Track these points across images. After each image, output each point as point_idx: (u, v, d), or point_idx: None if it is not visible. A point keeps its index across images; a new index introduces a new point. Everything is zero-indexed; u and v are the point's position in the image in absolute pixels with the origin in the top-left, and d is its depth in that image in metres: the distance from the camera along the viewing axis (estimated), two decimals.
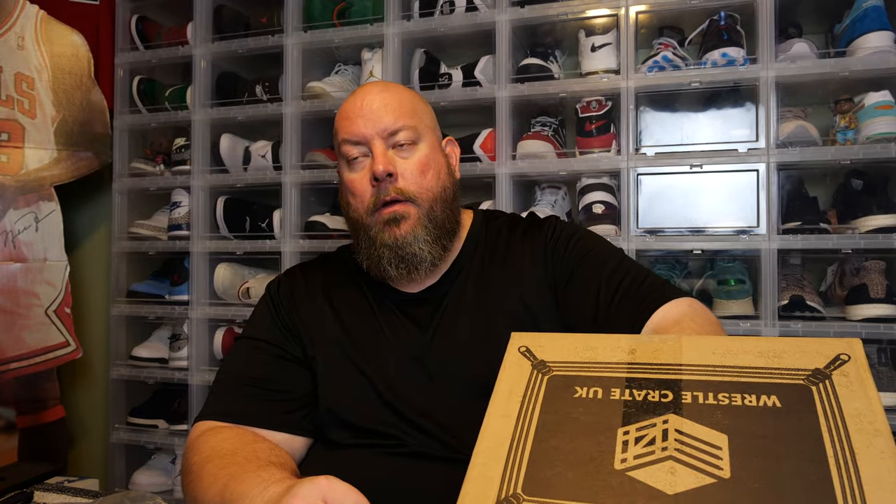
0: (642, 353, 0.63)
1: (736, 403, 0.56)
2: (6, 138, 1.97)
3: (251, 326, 1.06)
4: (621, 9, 1.67)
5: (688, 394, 0.58)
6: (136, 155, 2.20)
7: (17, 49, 2.01)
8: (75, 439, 2.25)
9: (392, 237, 0.97)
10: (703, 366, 0.60)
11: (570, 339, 0.68)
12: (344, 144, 1.00)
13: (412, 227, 0.97)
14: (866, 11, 1.52)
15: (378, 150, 0.97)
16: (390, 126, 0.98)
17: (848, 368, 0.56)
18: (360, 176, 0.99)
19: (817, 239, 1.54)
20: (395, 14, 1.85)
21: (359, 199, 0.99)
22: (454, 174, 1.07)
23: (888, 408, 1.47)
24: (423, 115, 1.03)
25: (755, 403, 0.55)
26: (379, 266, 0.98)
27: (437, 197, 1.00)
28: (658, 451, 0.54)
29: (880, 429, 0.51)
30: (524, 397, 0.62)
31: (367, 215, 0.99)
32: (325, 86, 1.92)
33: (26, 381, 1.98)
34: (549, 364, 0.65)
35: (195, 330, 2.01)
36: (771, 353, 0.59)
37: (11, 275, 1.95)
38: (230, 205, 2.04)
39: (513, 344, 0.69)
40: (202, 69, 2.05)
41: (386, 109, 0.98)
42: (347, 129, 0.99)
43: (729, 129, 1.65)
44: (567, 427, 0.58)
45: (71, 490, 1.04)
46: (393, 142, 0.98)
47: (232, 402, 0.96)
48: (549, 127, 1.81)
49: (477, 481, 0.56)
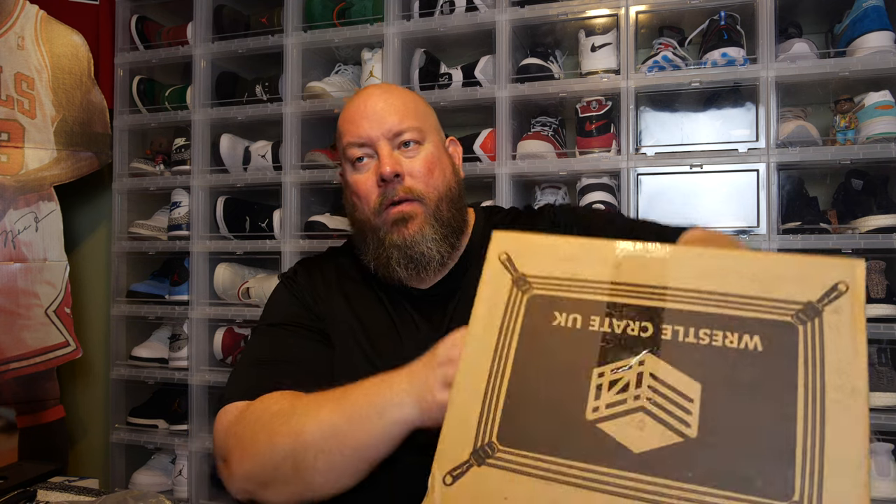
0: (628, 268, 0.59)
1: (716, 343, 0.53)
2: (6, 138, 1.97)
3: (269, 315, 1.04)
4: (621, 9, 1.68)
5: (668, 328, 0.55)
6: (136, 155, 2.20)
7: (17, 49, 2.01)
8: (75, 439, 2.25)
9: (401, 237, 0.97)
10: (689, 291, 0.56)
11: (554, 246, 0.63)
12: (349, 147, 1.00)
13: (420, 227, 0.97)
14: (866, 11, 1.52)
15: (384, 151, 0.97)
16: (395, 127, 0.98)
17: (842, 303, 0.52)
18: (366, 177, 0.99)
19: (817, 239, 1.54)
20: (395, 14, 1.85)
21: (364, 200, 0.99)
22: (458, 173, 1.07)
23: (888, 407, 1.47)
24: (426, 116, 1.03)
25: (735, 344, 0.53)
26: (388, 267, 0.98)
27: (443, 196, 1.00)
28: (630, 401, 0.53)
29: (858, 386, 0.49)
30: (503, 322, 0.60)
31: (374, 216, 0.98)
32: (325, 86, 1.92)
33: (26, 381, 1.98)
34: (529, 280, 0.61)
35: (195, 330, 2.01)
36: (766, 278, 0.54)
37: (11, 275, 1.95)
38: (230, 205, 2.04)
39: (494, 248, 0.65)
40: (202, 69, 2.05)
41: (390, 110, 0.98)
42: (352, 131, 0.99)
43: (729, 129, 1.66)
44: (543, 364, 0.57)
45: (74, 489, 1.05)
46: (398, 142, 0.99)
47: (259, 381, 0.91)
48: (549, 127, 1.81)
49: (455, 425, 0.57)
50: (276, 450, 0.77)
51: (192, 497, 1.99)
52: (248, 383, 0.90)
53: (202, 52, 2.05)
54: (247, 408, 0.85)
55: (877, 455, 1.46)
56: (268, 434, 0.78)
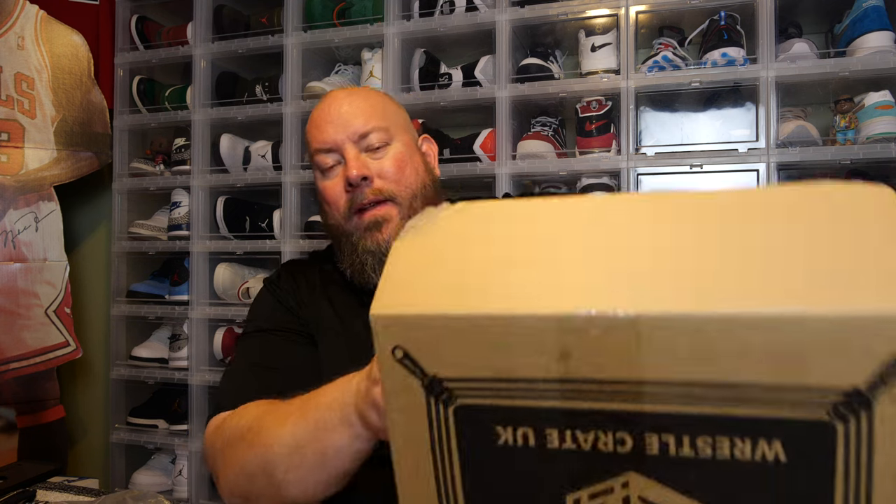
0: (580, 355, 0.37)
1: (721, 456, 0.37)
2: (6, 138, 1.97)
3: (255, 320, 1.03)
4: (621, 9, 1.68)
5: (653, 438, 0.38)
6: (136, 155, 2.20)
7: (17, 49, 2.01)
8: (75, 439, 2.25)
9: (374, 242, 0.95)
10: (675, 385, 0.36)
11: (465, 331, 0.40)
12: (316, 154, 0.98)
13: (395, 231, 0.94)
14: (866, 11, 1.52)
15: (350, 154, 0.95)
16: (360, 129, 0.96)
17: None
18: (334, 183, 0.97)
19: None
20: (395, 14, 1.85)
21: (334, 206, 0.98)
22: (433, 171, 1.05)
23: None
24: (393, 116, 1.01)
25: (747, 456, 0.36)
26: (363, 274, 0.96)
27: (416, 194, 0.98)
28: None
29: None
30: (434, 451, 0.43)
31: (345, 221, 0.97)
32: (325, 86, 1.92)
33: (26, 381, 1.98)
34: (445, 384, 0.42)
35: (195, 330, 2.01)
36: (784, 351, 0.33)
37: (11, 275, 1.95)
38: (230, 205, 2.04)
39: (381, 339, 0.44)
40: (202, 69, 2.05)
41: (355, 113, 0.97)
42: (317, 137, 0.98)
43: (729, 129, 1.66)
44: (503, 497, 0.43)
45: (73, 489, 1.05)
46: (365, 145, 0.97)
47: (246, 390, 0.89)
48: (549, 127, 1.81)
49: None
50: (247, 465, 0.74)
51: (192, 497, 1.99)
52: (236, 392, 0.89)
53: (202, 52, 2.05)
54: (224, 421, 0.83)
55: None
56: (241, 449, 0.76)
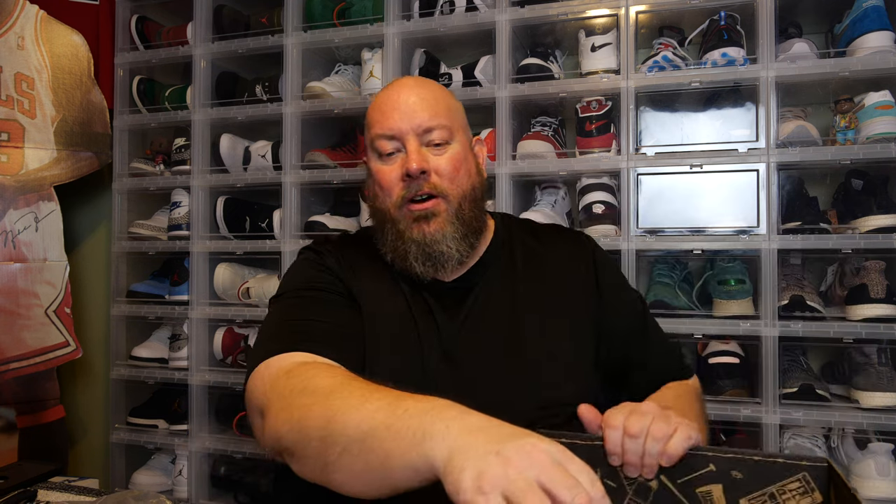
0: None
1: None
2: (6, 138, 1.97)
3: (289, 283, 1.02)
4: (621, 9, 1.68)
5: None
6: (136, 155, 2.20)
7: (17, 49, 2.01)
8: (75, 439, 2.25)
9: (421, 233, 0.98)
10: None
11: None
12: (378, 139, 1.00)
13: (441, 225, 0.98)
14: (866, 11, 1.52)
15: (412, 146, 0.98)
16: (426, 123, 0.98)
17: None
18: (391, 169, 0.99)
19: (817, 239, 1.54)
20: (395, 14, 1.85)
21: (387, 192, 1.00)
22: (482, 173, 1.08)
23: (888, 407, 1.47)
24: (456, 114, 1.04)
25: None
26: (405, 261, 0.99)
27: (466, 195, 1.01)
28: None
29: None
30: None
31: (395, 209, 0.99)
32: (324, 86, 1.92)
33: (26, 381, 1.98)
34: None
35: (195, 330, 2.01)
36: None
37: (11, 275, 1.95)
38: (230, 205, 2.04)
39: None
40: (202, 69, 2.05)
41: (422, 105, 0.99)
42: (382, 122, 1.00)
43: (729, 129, 1.65)
44: None
45: (74, 489, 1.05)
46: (427, 139, 0.99)
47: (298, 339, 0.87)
48: (549, 127, 1.81)
49: None
50: (305, 427, 0.70)
51: (192, 497, 1.99)
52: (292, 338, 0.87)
53: (202, 52, 2.05)
54: (296, 367, 0.80)
55: (877, 455, 1.46)
56: (305, 408, 0.71)
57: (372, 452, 0.62)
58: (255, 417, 0.83)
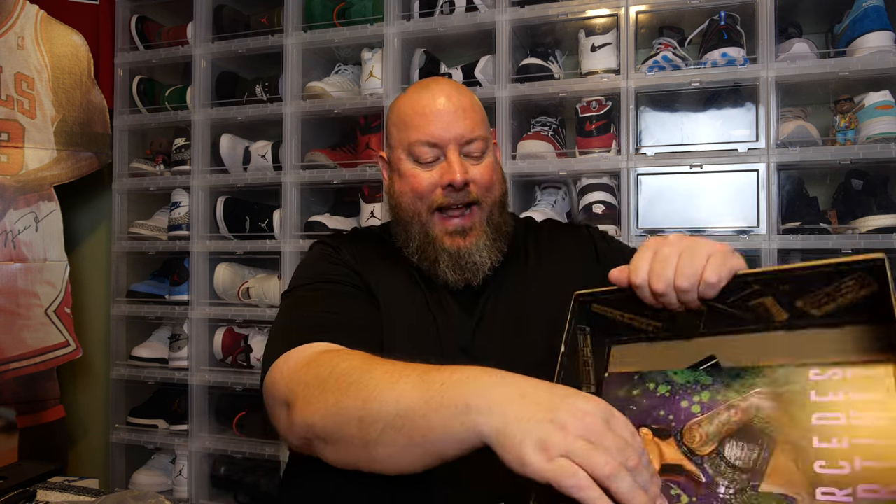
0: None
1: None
2: (6, 138, 1.97)
3: (304, 276, 1.01)
4: (621, 9, 1.68)
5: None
6: (136, 155, 2.20)
7: (17, 49, 2.01)
8: (75, 439, 2.25)
9: (455, 246, 1.00)
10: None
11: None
12: (417, 145, 1.00)
13: (476, 238, 1.00)
14: (866, 11, 1.52)
15: (454, 157, 0.99)
16: (467, 135, 1.00)
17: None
18: (429, 175, 1.01)
19: (817, 239, 1.54)
20: (395, 14, 1.85)
21: (421, 196, 1.01)
22: (505, 178, 1.11)
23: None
24: (486, 122, 1.07)
25: None
26: (435, 266, 1.01)
27: (497, 202, 1.04)
28: None
29: None
30: None
31: (428, 213, 1.01)
32: (325, 86, 1.92)
33: (26, 380, 1.98)
34: None
35: (195, 330, 2.01)
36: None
37: (11, 275, 1.95)
38: (230, 205, 2.04)
39: None
40: (202, 69, 2.05)
41: (464, 115, 1.00)
42: (422, 128, 1.00)
43: (729, 129, 1.65)
44: None
45: (74, 489, 1.05)
46: (466, 150, 1.01)
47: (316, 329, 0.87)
48: (549, 127, 1.81)
49: None
50: (342, 410, 0.70)
51: (192, 497, 1.99)
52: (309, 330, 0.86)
53: (202, 52, 2.05)
54: (317, 356, 0.80)
55: None
56: (338, 391, 0.71)
57: (415, 427, 0.64)
58: (278, 410, 0.82)
